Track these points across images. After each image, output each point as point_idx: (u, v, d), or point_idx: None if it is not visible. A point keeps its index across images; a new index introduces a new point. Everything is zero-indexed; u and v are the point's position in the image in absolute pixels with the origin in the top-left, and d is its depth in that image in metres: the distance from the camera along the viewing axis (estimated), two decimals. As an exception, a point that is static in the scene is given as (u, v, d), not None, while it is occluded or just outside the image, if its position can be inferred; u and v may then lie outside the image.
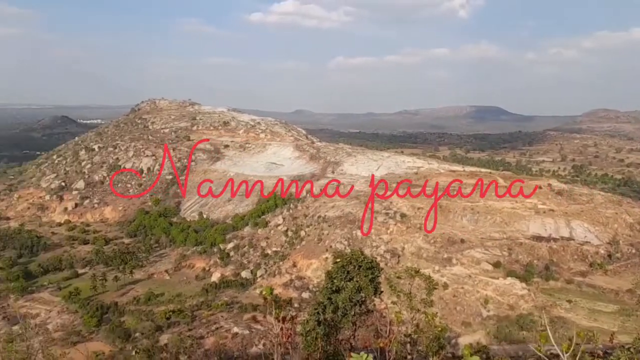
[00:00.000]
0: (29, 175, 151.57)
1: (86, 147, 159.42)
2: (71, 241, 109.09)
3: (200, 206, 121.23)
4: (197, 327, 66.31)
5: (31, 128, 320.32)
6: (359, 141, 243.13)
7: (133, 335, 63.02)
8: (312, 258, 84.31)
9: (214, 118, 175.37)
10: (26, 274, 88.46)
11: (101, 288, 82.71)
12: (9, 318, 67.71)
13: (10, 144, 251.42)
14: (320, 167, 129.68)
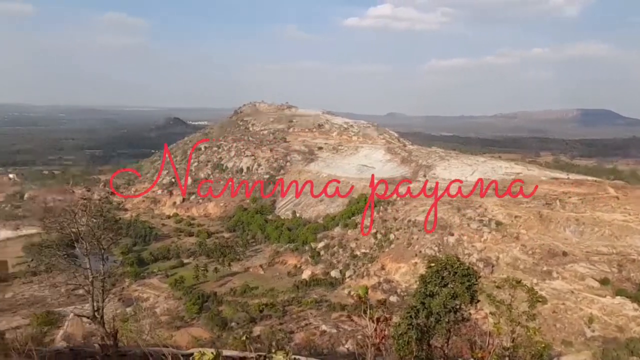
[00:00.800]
0: (145, 171, 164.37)
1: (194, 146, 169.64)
2: (178, 233, 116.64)
3: (294, 205, 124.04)
4: (287, 321, 67.80)
5: (148, 128, 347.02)
6: (452, 145, 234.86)
7: (229, 325, 65.78)
8: (401, 262, 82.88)
9: (309, 120, 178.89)
10: (139, 260, 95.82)
11: (202, 278, 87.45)
12: (124, 300, 73.47)
13: (129, 142, 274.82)
14: (412, 171, 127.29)
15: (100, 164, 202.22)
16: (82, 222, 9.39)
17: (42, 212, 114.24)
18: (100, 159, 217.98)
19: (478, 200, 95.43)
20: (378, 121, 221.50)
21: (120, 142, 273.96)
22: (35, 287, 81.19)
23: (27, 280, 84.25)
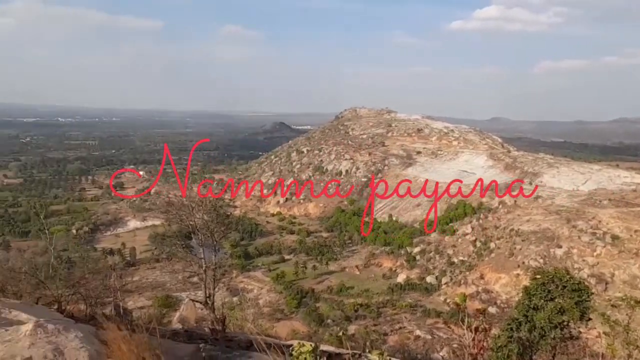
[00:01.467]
0: (253, 171, 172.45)
1: (297, 149, 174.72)
2: (280, 230, 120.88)
3: (390, 209, 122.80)
4: (382, 323, 67.21)
5: (256, 132, 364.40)
6: (563, 151, 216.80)
7: (325, 321, 66.70)
8: (502, 272, 78.39)
9: (408, 125, 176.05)
10: (245, 254, 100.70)
11: (302, 274, 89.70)
12: (232, 290, 77.51)
13: (240, 145, 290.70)
14: (516, 178, 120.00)
15: (215, 164, 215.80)
16: (198, 217, 10.03)
17: (165, 206, 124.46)
18: (215, 160, 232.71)
19: (591, 212, 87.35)
20: (481, 126, 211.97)
21: (234, 145, 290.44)
22: (157, 272, 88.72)
23: (151, 266, 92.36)
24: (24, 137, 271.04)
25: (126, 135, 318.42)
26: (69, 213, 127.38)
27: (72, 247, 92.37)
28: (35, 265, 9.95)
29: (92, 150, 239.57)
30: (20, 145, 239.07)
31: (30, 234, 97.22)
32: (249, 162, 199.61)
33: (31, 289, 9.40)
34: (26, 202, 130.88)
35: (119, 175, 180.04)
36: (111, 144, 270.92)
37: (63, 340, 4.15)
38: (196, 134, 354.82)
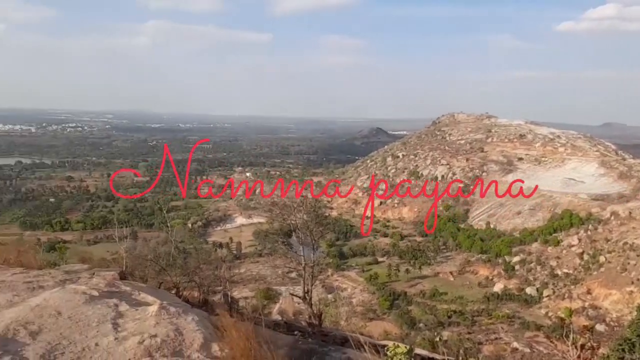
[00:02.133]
0: (349, 175, 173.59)
1: (392, 154, 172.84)
2: (374, 233, 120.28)
3: (488, 216, 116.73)
4: (476, 332, 64.11)
5: (354, 137, 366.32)
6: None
7: (417, 325, 65.16)
8: (613, 288, 71.00)
9: (510, 130, 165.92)
10: (340, 254, 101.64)
11: (394, 277, 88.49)
12: (327, 287, 78.76)
13: (338, 149, 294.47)
14: (631, 188, 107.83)
15: (314, 167, 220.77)
16: (298, 216, 10.35)
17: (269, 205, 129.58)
18: (314, 163, 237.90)
19: None
20: (591, 132, 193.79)
21: (332, 149, 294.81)
22: (260, 266, 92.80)
23: (254, 260, 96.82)
24: (151, 140, 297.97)
25: (236, 140, 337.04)
26: (186, 209, 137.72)
27: (187, 239, 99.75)
28: (158, 254, 10.94)
29: (206, 153, 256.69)
30: (148, 148, 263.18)
31: (154, 226, 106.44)
32: (346, 165, 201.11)
33: (154, 275, 10.35)
34: (152, 198, 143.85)
35: (229, 176, 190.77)
36: (223, 147, 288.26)
37: (182, 322, 4.53)
38: (297, 138, 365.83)
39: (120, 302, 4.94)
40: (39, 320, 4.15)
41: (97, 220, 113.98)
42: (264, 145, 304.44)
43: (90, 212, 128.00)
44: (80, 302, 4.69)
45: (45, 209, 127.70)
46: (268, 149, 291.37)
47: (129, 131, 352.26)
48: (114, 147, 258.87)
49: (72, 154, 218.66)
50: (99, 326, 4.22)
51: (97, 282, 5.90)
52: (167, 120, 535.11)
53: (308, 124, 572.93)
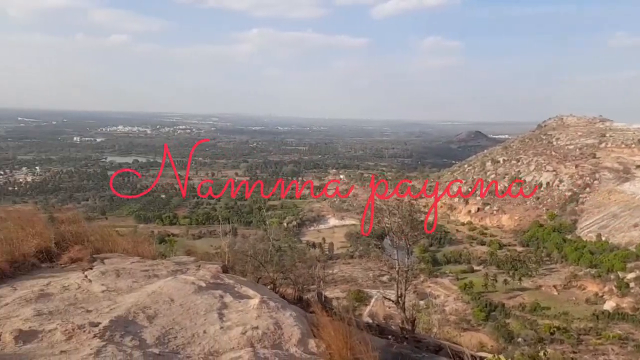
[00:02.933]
0: (444, 179, 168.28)
1: (492, 159, 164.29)
2: (470, 240, 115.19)
3: (600, 227, 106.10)
4: (582, 351, 58.56)
5: (450, 141, 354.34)
6: None
7: (515, 339, 61.20)
8: None
9: (627, 135, 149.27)
10: (433, 260, 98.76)
11: (491, 287, 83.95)
12: (418, 293, 76.98)
13: (434, 153, 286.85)
14: None
15: (408, 170, 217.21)
16: (393, 220, 10.23)
17: (361, 207, 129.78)
18: (408, 167, 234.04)
19: None
20: None
21: (428, 152, 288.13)
22: (351, 268, 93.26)
23: (345, 261, 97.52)
24: (252, 142, 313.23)
25: (331, 142, 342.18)
26: (282, 208, 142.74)
27: (283, 237, 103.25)
28: (257, 251, 11.45)
29: (302, 155, 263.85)
30: (249, 149, 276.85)
31: (252, 223, 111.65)
32: (442, 170, 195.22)
33: (252, 270, 10.84)
34: (251, 197, 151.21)
35: (323, 177, 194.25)
36: (318, 149, 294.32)
37: (281, 317, 4.67)
38: (391, 141, 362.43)
39: (225, 294, 5.21)
40: (155, 306, 4.52)
41: (201, 217, 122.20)
42: (358, 148, 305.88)
43: (196, 208, 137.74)
44: (190, 292, 5.03)
45: (156, 204, 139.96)
46: (362, 151, 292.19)
47: (231, 133, 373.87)
48: (217, 148, 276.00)
49: (181, 154, 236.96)
50: (206, 315, 4.50)
51: (203, 274, 6.28)
52: (267, 122, 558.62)
53: (404, 127, 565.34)
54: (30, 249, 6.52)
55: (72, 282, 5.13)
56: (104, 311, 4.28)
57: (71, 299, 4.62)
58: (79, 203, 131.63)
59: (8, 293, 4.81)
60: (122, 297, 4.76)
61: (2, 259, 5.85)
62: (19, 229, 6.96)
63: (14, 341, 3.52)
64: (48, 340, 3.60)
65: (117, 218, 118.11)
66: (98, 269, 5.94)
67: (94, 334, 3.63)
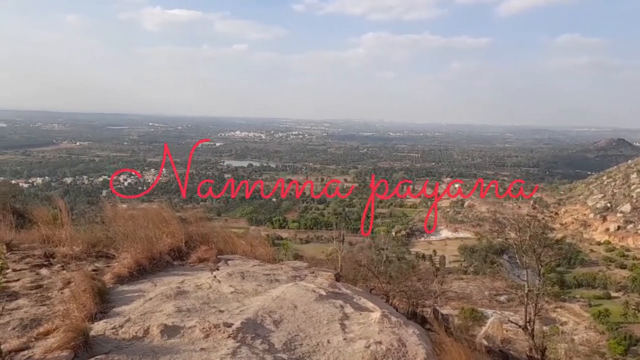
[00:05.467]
0: (577, 192, 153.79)
1: (638, 170, 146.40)
2: (607, 262, 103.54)
3: None
4: None
5: (586, 149, 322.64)
6: None
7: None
8: None
9: None
10: (561, 282, 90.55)
11: (632, 317, 74.52)
12: (542, 318, 71.08)
13: (565, 162, 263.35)
14: None
15: (533, 181, 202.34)
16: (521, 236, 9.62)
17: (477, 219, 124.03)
18: (534, 177, 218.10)
19: None
20: None
21: (558, 162, 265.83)
22: (463, 283, 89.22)
23: (458, 277, 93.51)
24: (362, 148, 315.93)
25: (446, 149, 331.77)
26: (390, 216, 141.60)
27: (391, 247, 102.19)
28: (371, 260, 11.48)
29: (414, 162, 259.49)
30: (359, 155, 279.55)
31: (360, 230, 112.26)
32: (574, 181, 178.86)
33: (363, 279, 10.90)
34: (359, 204, 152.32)
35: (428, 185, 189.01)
36: (431, 156, 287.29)
37: (404, 333, 4.63)
38: (514, 149, 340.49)
39: (345, 304, 5.32)
40: (280, 311, 4.77)
41: (309, 221, 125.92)
42: (476, 156, 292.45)
43: (304, 213, 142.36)
44: (312, 299, 5.21)
45: (268, 207, 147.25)
46: (481, 159, 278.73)
47: (342, 139, 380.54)
48: (328, 153, 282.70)
49: (293, 159, 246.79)
50: (329, 324, 4.63)
51: (321, 281, 6.46)
52: (378, 128, 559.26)
53: (529, 133, 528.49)
54: (165, 247, 7.24)
55: (203, 282, 5.62)
56: (235, 312, 4.62)
57: (204, 298, 5.07)
58: (197, 203, 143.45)
59: (150, 288, 5.42)
60: (249, 299, 5.09)
61: (142, 256, 6.59)
62: (155, 227, 7.78)
63: (160, 335, 3.96)
64: (189, 336, 4.00)
65: (231, 219, 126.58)
66: (225, 270, 6.43)
67: (228, 334, 3.94)
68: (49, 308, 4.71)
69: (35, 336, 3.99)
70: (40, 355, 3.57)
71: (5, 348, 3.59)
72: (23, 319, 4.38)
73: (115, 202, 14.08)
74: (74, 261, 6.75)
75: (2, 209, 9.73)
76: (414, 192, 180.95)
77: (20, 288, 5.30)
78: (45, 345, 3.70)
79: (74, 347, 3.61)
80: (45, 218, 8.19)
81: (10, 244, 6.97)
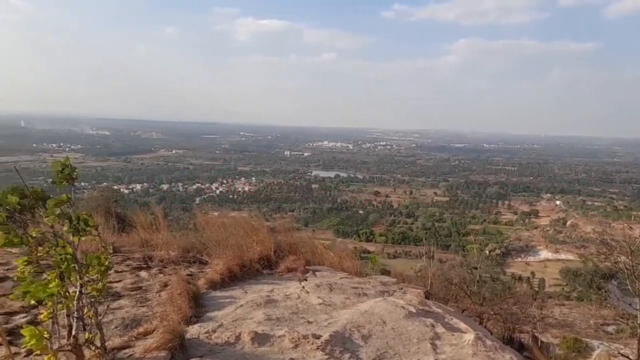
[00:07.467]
0: None
1: None
2: None
3: None
4: None
5: None
6: None
7: None
8: None
9: None
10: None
11: None
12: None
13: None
14: None
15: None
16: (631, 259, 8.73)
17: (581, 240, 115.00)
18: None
19: None
20: None
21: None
22: (565, 310, 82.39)
23: (559, 302, 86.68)
24: (453, 160, 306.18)
25: (545, 163, 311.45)
26: (484, 234, 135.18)
27: (484, 266, 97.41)
28: (463, 279, 11.02)
29: (510, 176, 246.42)
30: (450, 167, 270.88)
31: (450, 247, 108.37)
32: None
33: (454, 298, 10.46)
34: (449, 219, 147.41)
35: (534, 203, 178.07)
36: (529, 170, 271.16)
37: (500, 358, 4.37)
38: (624, 164, 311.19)
39: (436, 324, 5.13)
40: (368, 326, 4.71)
41: (397, 236, 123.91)
42: (580, 170, 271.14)
43: (392, 226, 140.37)
44: (401, 316, 5.09)
45: (354, 220, 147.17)
46: (585, 174, 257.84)
47: (432, 150, 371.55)
48: (417, 165, 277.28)
49: (380, 171, 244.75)
50: (419, 343, 4.49)
51: (410, 298, 6.31)
52: (471, 139, 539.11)
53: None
54: (255, 256, 7.49)
55: (292, 292, 5.72)
56: (323, 324, 4.64)
57: (293, 308, 5.15)
58: (285, 213, 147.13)
59: (241, 295, 5.62)
60: (337, 312, 5.09)
61: (234, 263, 6.87)
62: (246, 235, 8.07)
63: (250, 342, 4.08)
64: (278, 345, 4.07)
65: (318, 230, 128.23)
66: (312, 281, 6.50)
67: (317, 346, 3.96)
68: (148, 309, 5.03)
69: (136, 335, 4.27)
70: (140, 354, 3.81)
71: (109, 345, 3.85)
72: (124, 318, 4.72)
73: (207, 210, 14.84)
74: (170, 265, 7.20)
75: (106, 213, 10.69)
76: (510, 208, 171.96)
77: (122, 289, 5.74)
78: (144, 345, 3.95)
79: (171, 349, 3.82)
80: (143, 223, 8.83)
81: (113, 246, 7.61)
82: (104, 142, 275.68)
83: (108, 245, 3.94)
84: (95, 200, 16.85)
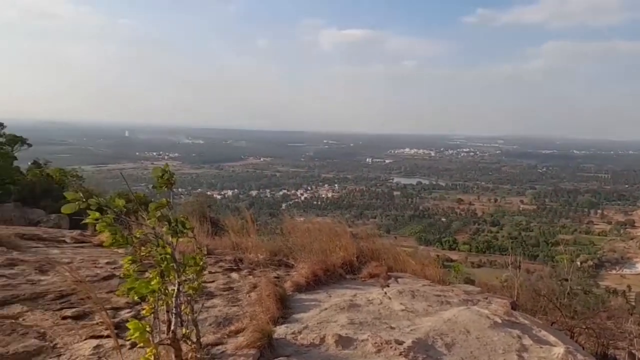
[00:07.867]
0: None
1: None
2: None
3: None
4: None
5: None
6: None
7: None
8: None
9: None
10: None
11: None
12: None
13: None
14: None
15: None
16: None
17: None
18: None
19: None
20: None
21: None
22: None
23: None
24: (541, 167, 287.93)
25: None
26: (574, 244, 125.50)
27: (575, 278, 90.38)
28: (553, 290, 10.29)
29: (603, 184, 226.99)
30: (537, 175, 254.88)
31: (538, 257, 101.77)
32: None
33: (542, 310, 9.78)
34: (537, 228, 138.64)
35: (630, 212, 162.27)
36: (624, 178, 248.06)
37: (594, 376, 4.04)
38: None
39: (523, 335, 4.85)
40: (452, 334, 4.55)
41: (481, 244, 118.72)
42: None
43: (476, 235, 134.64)
44: (486, 326, 4.87)
45: (437, 227, 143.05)
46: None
47: (518, 157, 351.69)
48: (502, 172, 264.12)
49: (463, 178, 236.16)
50: (504, 354, 4.26)
51: (495, 308, 6.02)
52: (559, 146, 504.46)
53: None
54: (338, 260, 7.53)
55: (374, 297, 5.68)
56: (405, 331, 4.56)
57: (376, 313, 5.12)
58: (367, 220, 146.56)
59: (325, 299, 5.68)
60: (419, 319, 4.98)
61: (318, 267, 6.96)
62: (329, 241, 8.14)
63: (334, 344, 4.11)
64: (361, 349, 4.06)
65: (400, 237, 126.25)
66: (395, 287, 6.41)
67: (399, 352, 3.90)
68: (239, 309, 5.24)
69: (228, 333, 4.46)
70: (231, 351, 3.98)
71: (204, 341, 4.06)
72: (217, 316, 4.95)
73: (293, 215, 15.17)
74: (259, 267, 7.45)
75: (201, 217, 11.31)
76: (604, 217, 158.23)
77: (215, 289, 6.03)
78: (235, 343, 4.11)
79: (260, 347, 3.95)
80: (234, 227, 9.23)
81: (207, 248, 8.02)
82: (198, 151, 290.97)
83: (203, 247, 4.17)
84: (191, 205, 17.91)
